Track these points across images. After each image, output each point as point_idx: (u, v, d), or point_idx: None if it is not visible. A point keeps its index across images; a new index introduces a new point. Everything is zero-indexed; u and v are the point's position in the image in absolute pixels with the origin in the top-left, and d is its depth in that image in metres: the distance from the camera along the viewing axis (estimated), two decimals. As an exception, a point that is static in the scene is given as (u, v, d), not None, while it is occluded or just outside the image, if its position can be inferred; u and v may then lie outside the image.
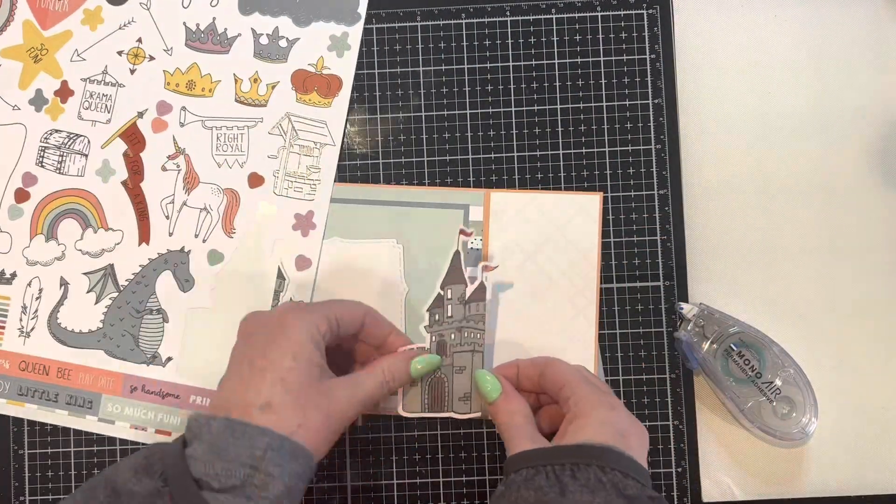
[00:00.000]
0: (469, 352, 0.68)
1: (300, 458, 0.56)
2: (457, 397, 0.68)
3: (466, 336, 0.68)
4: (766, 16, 0.75)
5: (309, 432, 0.57)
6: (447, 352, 0.68)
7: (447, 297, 0.69)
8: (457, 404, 0.68)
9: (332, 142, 0.74)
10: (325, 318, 0.62)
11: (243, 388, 0.57)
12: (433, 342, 0.68)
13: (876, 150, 0.74)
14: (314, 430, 0.57)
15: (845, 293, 0.73)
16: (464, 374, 0.68)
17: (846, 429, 0.72)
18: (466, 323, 0.68)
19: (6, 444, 0.73)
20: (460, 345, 0.68)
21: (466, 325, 0.68)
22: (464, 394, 0.68)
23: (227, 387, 0.59)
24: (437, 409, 0.68)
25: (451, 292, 0.69)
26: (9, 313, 0.74)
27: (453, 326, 0.68)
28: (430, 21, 0.75)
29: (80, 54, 0.75)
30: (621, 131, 0.73)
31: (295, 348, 0.59)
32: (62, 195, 0.74)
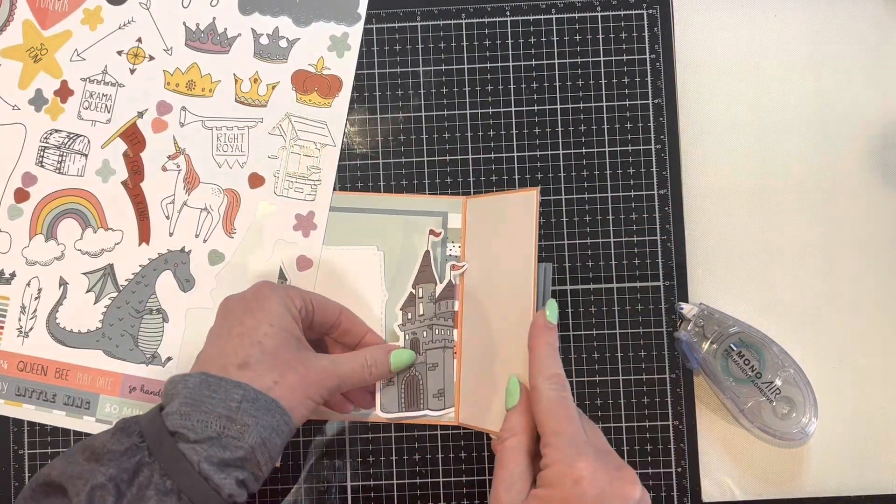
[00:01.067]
0: (440, 348, 0.70)
1: (275, 412, 0.57)
2: (431, 394, 0.70)
3: (437, 333, 0.70)
4: (766, 15, 0.75)
5: (284, 390, 0.58)
6: (420, 349, 0.70)
7: (419, 295, 0.71)
8: (431, 401, 0.70)
9: (332, 142, 0.74)
10: (300, 295, 0.64)
11: (220, 351, 0.59)
12: (406, 340, 0.71)
13: (876, 150, 0.74)
14: (290, 389, 0.58)
15: (845, 293, 0.73)
16: (436, 371, 0.70)
17: (846, 429, 0.72)
18: (437, 320, 0.70)
19: (6, 444, 0.73)
20: (432, 342, 0.70)
21: (437, 323, 0.70)
22: (438, 391, 0.70)
23: (206, 352, 0.61)
24: (413, 408, 0.70)
25: (422, 291, 0.71)
26: (8, 313, 0.73)
27: (424, 324, 0.70)
28: (430, 21, 0.75)
29: (80, 54, 0.75)
30: (621, 131, 0.74)
31: (271, 317, 0.60)
32: (62, 195, 0.74)
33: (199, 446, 0.54)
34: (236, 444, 0.55)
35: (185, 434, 0.54)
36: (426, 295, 0.71)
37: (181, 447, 0.54)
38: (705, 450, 0.72)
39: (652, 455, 0.71)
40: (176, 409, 0.55)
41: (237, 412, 0.55)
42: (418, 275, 0.72)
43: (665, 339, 0.72)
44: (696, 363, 0.70)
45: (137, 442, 0.54)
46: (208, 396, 0.56)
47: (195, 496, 0.53)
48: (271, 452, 0.57)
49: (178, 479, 0.53)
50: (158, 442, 0.54)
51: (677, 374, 0.72)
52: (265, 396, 0.57)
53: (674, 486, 0.71)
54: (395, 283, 0.72)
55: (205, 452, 0.54)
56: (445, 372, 0.70)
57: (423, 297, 0.71)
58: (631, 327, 0.72)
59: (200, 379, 0.57)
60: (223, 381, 0.57)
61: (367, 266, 0.73)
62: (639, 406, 0.72)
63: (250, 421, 0.55)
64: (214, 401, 0.55)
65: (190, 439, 0.54)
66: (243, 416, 0.55)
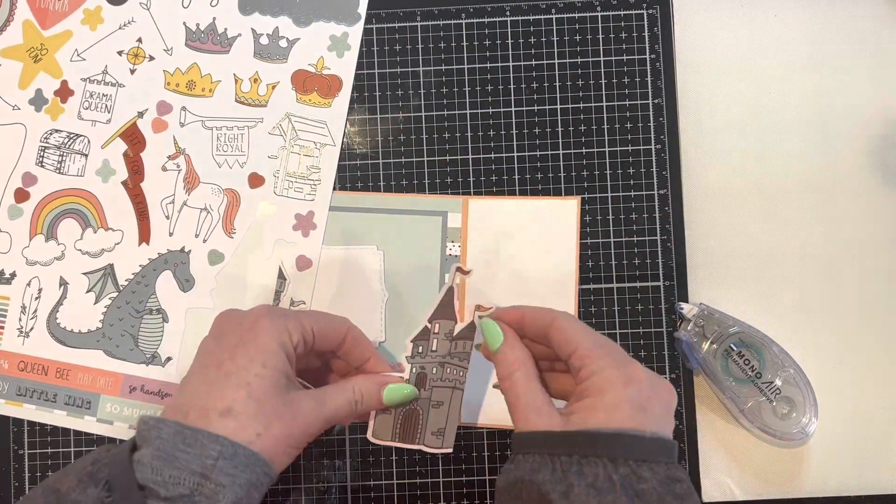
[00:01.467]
0: (450, 388, 0.65)
1: (256, 467, 0.53)
2: (429, 431, 0.65)
3: (448, 372, 0.66)
4: (766, 15, 0.75)
5: (268, 442, 0.54)
6: (426, 385, 0.66)
7: (434, 331, 0.67)
8: (429, 438, 0.65)
9: (332, 142, 0.74)
10: (299, 328, 0.59)
11: (206, 391, 0.55)
12: (413, 373, 0.65)
13: (875, 150, 0.74)
14: (274, 441, 0.55)
15: (845, 293, 0.73)
16: (440, 410, 0.65)
17: (846, 429, 0.72)
18: (451, 359, 0.66)
19: (6, 444, 0.73)
20: (441, 380, 0.66)
21: (450, 362, 0.66)
22: (437, 429, 0.65)
23: (190, 387, 0.57)
24: (407, 440, 0.65)
25: (438, 327, 0.67)
26: (8, 313, 0.73)
27: (436, 361, 0.66)
28: (430, 21, 0.75)
29: (80, 54, 0.75)
30: (621, 131, 0.74)
31: (264, 356, 0.56)
32: (62, 195, 0.74)
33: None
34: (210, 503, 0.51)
35: (155, 490, 0.50)
36: (443, 332, 0.66)
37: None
38: (705, 450, 0.72)
39: (652, 455, 0.71)
40: (147, 460, 0.51)
41: (212, 470, 0.51)
42: (437, 310, 0.67)
43: (665, 339, 0.72)
44: (696, 363, 0.70)
45: (104, 497, 0.50)
46: (182, 451, 0.52)
47: None
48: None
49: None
50: (126, 499, 0.50)
51: (677, 374, 0.72)
52: (245, 451, 0.53)
53: (674, 486, 0.71)
54: (402, 290, 0.73)
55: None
56: (450, 413, 0.65)
57: (438, 334, 0.66)
58: (631, 327, 0.72)
59: (175, 430, 0.52)
60: (199, 433, 0.52)
61: (367, 265, 0.73)
62: (639, 406, 0.72)
63: (226, 480, 0.52)
64: (189, 456, 0.51)
65: (160, 496, 0.50)
66: (219, 475, 0.51)
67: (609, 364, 0.54)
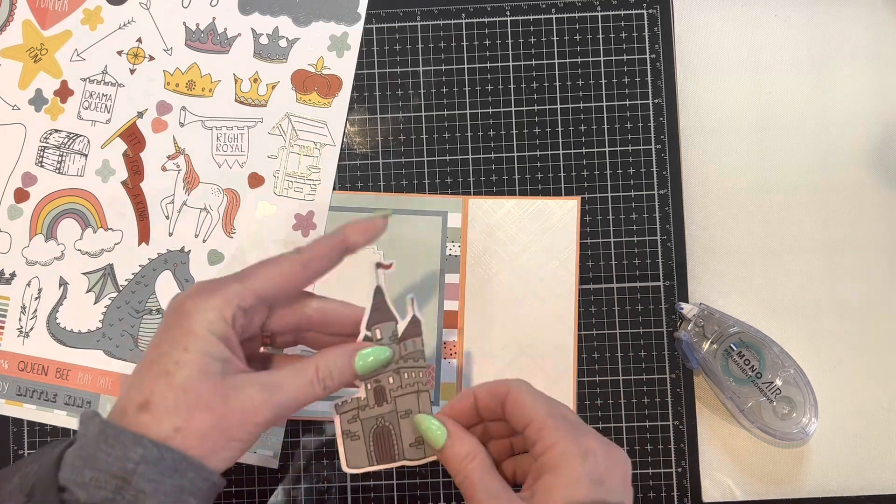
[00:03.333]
0: (413, 393, 0.58)
1: (187, 472, 0.48)
2: (407, 443, 0.58)
3: (407, 377, 0.58)
4: (766, 16, 0.75)
5: (190, 438, 0.48)
6: (388, 398, 0.58)
7: (376, 337, 0.58)
8: (408, 451, 0.58)
9: (332, 142, 0.74)
10: (233, 301, 0.51)
11: (130, 383, 0.50)
12: (368, 390, 0.57)
13: (875, 150, 0.74)
14: (198, 436, 0.48)
15: (845, 293, 0.73)
16: (411, 419, 0.58)
17: (846, 429, 0.72)
18: (405, 363, 0.58)
19: (6, 444, 0.73)
20: (401, 388, 0.58)
21: (405, 366, 0.58)
22: (415, 439, 0.58)
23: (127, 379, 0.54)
24: (386, 461, 0.58)
25: (379, 332, 0.58)
26: (8, 313, 0.73)
27: (390, 369, 0.58)
28: (430, 21, 0.75)
29: (80, 54, 0.75)
30: (621, 131, 0.74)
31: (186, 339, 0.49)
32: (62, 195, 0.74)
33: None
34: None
35: (74, 492, 0.46)
36: (386, 336, 0.58)
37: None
38: (705, 450, 0.72)
39: (652, 455, 0.71)
40: (69, 460, 0.47)
41: (132, 475, 0.46)
42: (372, 315, 0.58)
43: (665, 339, 0.72)
44: (696, 363, 0.70)
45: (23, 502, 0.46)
46: (104, 451, 0.46)
47: None
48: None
49: None
50: None
51: (677, 374, 0.72)
52: (171, 454, 0.47)
53: (674, 486, 0.71)
54: (399, 288, 0.72)
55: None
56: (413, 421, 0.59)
57: (381, 340, 0.58)
58: (631, 327, 0.72)
59: (99, 429, 0.47)
60: (122, 433, 0.47)
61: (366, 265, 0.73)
62: (639, 406, 0.72)
63: (148, 487, 0.46)
64: (110, 458, 0.46)
65: (80, 500, 0.46)
66: (139, 480, 0.46)
67: (563, 436, 0.51)
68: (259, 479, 0.71)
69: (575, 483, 0.49)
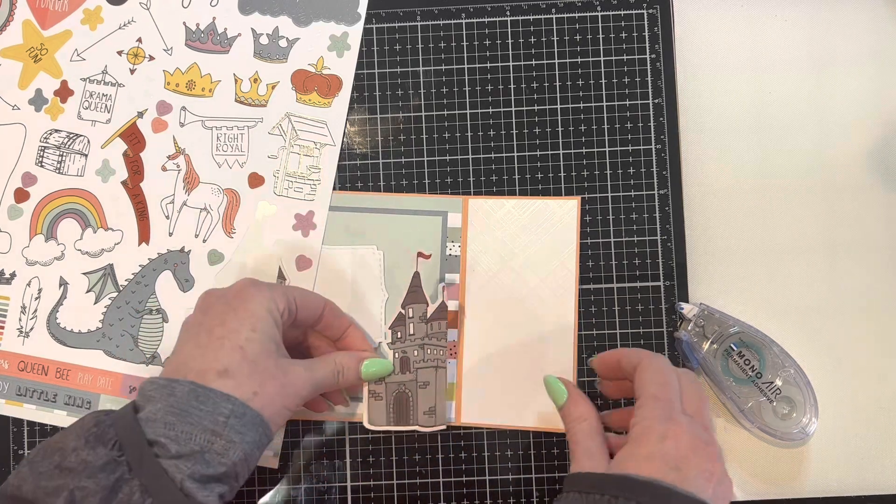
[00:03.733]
0: (433, 367, 0.70)
1: (259, 427, 0.57)
2: (421, 411, 0.69)
3: (429, 353, 0.70)
4: (766, 16, 0.75)
5: (264, 401, 0.57)
6: (410, 367, 0.70)
7: (408, 315, 0.71)
8: (422, 418, 0.69)
9: (332, 142, 0.74)
10: (284, 297, 0.62)
11: (200, 354, 0.58)
12: (396, 358, 0.70)
13: (875, 150, 0.74)
14: (269, 400, 0.58)
15: (845, 293, 0.73)
16: (427, 389, 0.69)
17: (846, 429, 0.72)
18: (428, 340, 0.70)
19: (6, 444, 0.73)
20: (423, 361, 0.70)
21: (428, 343, 0.70)
22: (428, 408, 0.69)
23: (183, 353, 0.59)
24: (402, 423, 0.70)
25: (412, 311, 0.71)
26: (8, 313, 0.73)
27: (416, 344, 0.70)
28: (430, 21, 0.75)
29: (80, 54, 0.75)
30: (621, 131, 0.73)
31: (254, 320, 0.59)
32: (62, 195, 0.74)
33: (182, 463, 0.52)
34: (220, 460, 0.54)
35: (165, 445, 0.53)
36: (417, 315, 0.71)
37: (163, 463, 0.52)
38: (705, 450, 0.72)
39: (652, 455, 0.71)
40: (160, 416, 0.54)
41: (224, 427, 0.54)
42: (408, 295, 0.71)
43: (665, 339, 0.72)
44: (696, 363, 0.70)
45: (116, 456, 0.52)
46: (196, 408, 0.54)
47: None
48: (250, 466, 0.57)
49: (160, 496, 0.51)
50: (139, 456, 0.52)
51: (677, 374, 0.72)
52: (252, 411, 0.56)
53: (674, 486, 0.71)
54: (402, 290, 0.72)
55: (188, 469, 0.52)
56: (437, 390, 0.70)
57: (413, 318, 0.71)
58: (631, 327, 0.72)
59: (189, 388, 0.55)
60: (212, 392, 0.55)
61: (366, 266, 0.73)
62: (639, 406, 0.72)
63: (237, 438, 0.55)
64: (202, 413, 0.54)
65: (171, 452, 0.52)
66: (230, 432, 0.55)
67: (653, 416, 0.55)
68: (259, 478, 0.71)
69: (647, 459, 0.53)
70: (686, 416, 0.55)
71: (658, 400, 0.56)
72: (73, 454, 0.52)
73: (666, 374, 0.58)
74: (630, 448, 0.55)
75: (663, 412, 0.55)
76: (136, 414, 0.55)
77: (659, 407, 0.55)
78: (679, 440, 0.53)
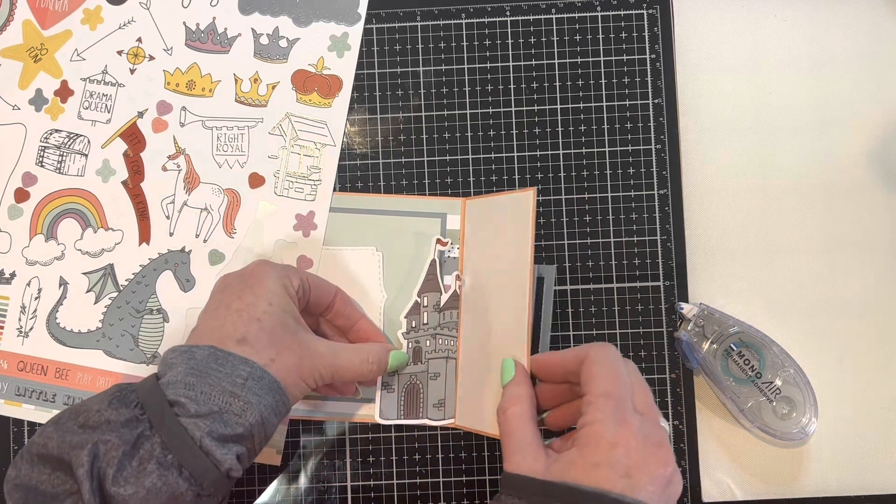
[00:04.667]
0: (443, 358, 0.70)
1: (276, 392, 0.58)
2: (431, 404, 0.70)
3: (441, 343, 0.70)
4: (766, 16, 0.75)
5: (280, 369, 0.58)
6: (423, 358, 0.70)
7: (423, 304, 0.71)
8: (431, 411, 0.70)
9: (332, 142, 0.74)
10: (297, 275, 0.64)
11: (219, 325, 0.59)
12: (410, 348, 0.70)
13: (876, 150, 0.74)
14: (285, 368, 0.59)
15: (845, 293, 0.73)
16: (438, 381, 0.70)
17: (846, 429, 0.72)
18: (441, 330, 0.70)
19: (6, 444, 0.73)
20: (435, 351, 0.70)
21: (440, 333, 0.70)
22: (438, 400, 0.70)
23: (202, 326, 0.60)
24: (412, 416, 0.70)
25: (427, 300, 0.71)
26: (8, 313, 0.73)
27: (429, 333, 0.71)
28: (430, 21, 0.75)
29: (80, 54, 0.75)
30: (621, 131, 0.74)
31: (270, 295, 0.60)
32: (62, 195, 0.74)
33: (201, 421, 0.54)
34: (237, 420, 0.55)
35: (185, 405, 0.54)
36: (431, 304, 0.71)
37: (183, 421, 0.54)
38: (705, 450, 0.72)
39: (652, 455, 0.71)
40: (180, 378, 0.55)
41: (242, 389, 0.56)
42: (424, 283, 0.72)
43: (665, 339, 0.72)
44: (696, 363, 0.70)
45: (138, 414, 0.54)
46: (215, 369, 0.56)
47: (196, 470, 0.53)
48: (267, 432, 0.58)
49: (180, 453, 0.53)
50: (160, 415, 0.54)
51: (677, 374, 0.72)
52: (269, 376, 0.57)
53: (674, 486, 0.71)
54: (401, 291, 0.72)
55: (207, 427, 0.54)
56: (447, 382, 0.70)
57: (427, 307, 0.71)
58: (631, 327, 0.72)
59: (209, 352, 0.57)
60: (231, 355, 0.57)
61: (366, 267, 0.73)
62: (639, 406, 0.72)
63: (253, 399, 0.56)
64: (220, 374, 0.56)
65: (191, 412, 0.54)
66: (248, 393, 0.56)
67: (605, 418, 0.52)
68: (259, 478, 0.71)
69: (596, 466, 0.51)
70: (638, 416, 0.53)
71: (609, 398, 0.53)
72: (97, 414, 0.54)
73: (617, 368, 0.55)
74: (578, 452, 0.52)
75: (615, 413, 0.52)
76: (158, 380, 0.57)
77: (609, 406, 0.53)
78: (630, 445, 0.51)
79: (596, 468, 0.51)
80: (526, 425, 0.57)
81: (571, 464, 0.52)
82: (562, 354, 0.60)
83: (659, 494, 0.51)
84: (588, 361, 0.56)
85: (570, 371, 0.58)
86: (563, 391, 0.61)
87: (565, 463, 0.52)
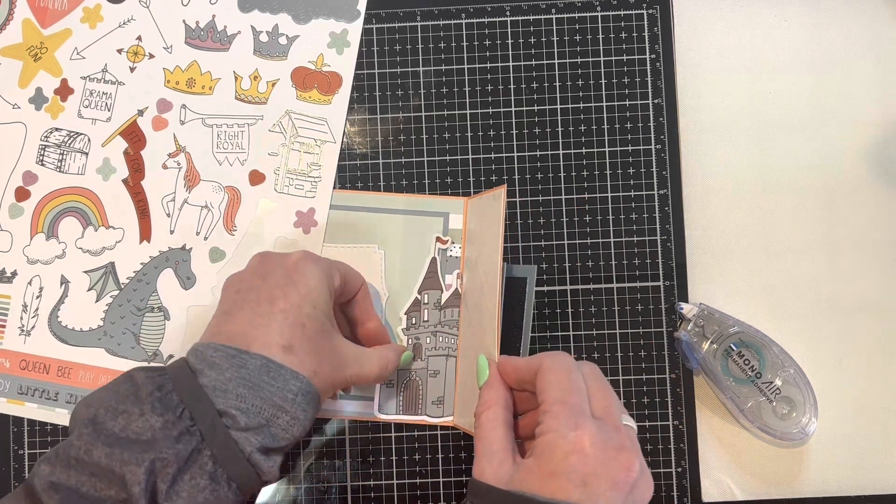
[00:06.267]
0: (443, 356, 0.70)
1: (317, 404, 0.58)
2: (430, 401, 0.70)
3: (441, 341, 0.71)
4: (766, 16, 0.75)
5: (321, 380, 0.58)
6: (422, 355, 0.71)
7: (424, 301, 0.72)
8: (430, 408, 0.70)
9: (332, 139, 0.74)
10: (338, 273, 0.63)
11: (264, 324, 0.57)
12: (410, 345, 0.71)
13: (876, 150, 0.74)
14: (324, 379, 0.58)
15: (845, 293, 0.73)
16: (437, 378, 0.70)
17: (846, 429, 0.72)
18: (441, 328, 0.71)
19: (6, 444, 0.73)
20: (435, 349, 0.71)
21: (441, 330, 0.71)
22: (437, 398, 0.70)
23: (243, 318, 0.58)
24: (410, 412, 0.71)
25: (427, 297, 0.71)
26: (9, 312, 0.74)
27: (429, 330, 0.71)
28: (430, 21, 0.75)
29: (80, 52, 0.75)
30: (621, 131, 0.73)
31: (314, 296, 0.59)
32: (63, 193, 0.74)
33: (252, 435, 0.54)
34: (284, 434, 0.55)
35: (236, 417, 0.53)
36: (432, 301, 0.71)
37: (233, 434, 0.53)
38: (705, 450, 0.72)
39: (652, 455, 0.71)
40: (230, 388, 0.54)
41: (292, 405, 0.55)
42: (424, 281, 0.72)
43: (665, 339, 0.72)
44: (696, 363, 0.70)
45: (188, 426, 0.53)
46: (267, 382, 0.55)
47: (242, 482, 0.53)
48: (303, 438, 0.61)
49: (230, 466, 0.53)
50: (211, 427, 0.53)
51: (677, 374, 0.72)
52: (314, 390, 0.57)
53: (674, 486, 0.71)
54: (401, 289, 0.73)
55: (257, 443, 0.54)
56: (447, 380, 0.70)
57: (428, 304, 0.71)
58: (631, 327, 0.72)
59: (261, 363, 0.55)
60: (282, 368, 0.56)
61: (367, 264, 0.73)
62: (639, 406, 0.72)
63: (301, 415, 0.56)
64: (272, 389, 0.55)
65: (241, 425, 0.53)
66: (296, 409, 0.56)
67: (559, 426, 0.51)
68: (259, 477, 0.72)
69: (552, 476, 0.50)
70: (595, 421, 0.52)
71: (564, 405, 0.52)
72: (140, 419, 0.52)
73: (570, 375, 0.54)
74: (535, 462, 0.51)
75: (569, 420, 0.51)
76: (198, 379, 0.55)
77: (564, 414, 0.52)
78: (586, 452, 0.50)
79: (552, 478, 0.50)
80: (496, 431, 0.56)
81: (530, 473, 0.51)
82: (518, 362, 0.59)
83: (622, 500, 0.50)
84: (542, 371, 0.55)
85: (526, 381, 0.58)
86: (529, 396, 0.60)
87: (525, 472, 0.52)
